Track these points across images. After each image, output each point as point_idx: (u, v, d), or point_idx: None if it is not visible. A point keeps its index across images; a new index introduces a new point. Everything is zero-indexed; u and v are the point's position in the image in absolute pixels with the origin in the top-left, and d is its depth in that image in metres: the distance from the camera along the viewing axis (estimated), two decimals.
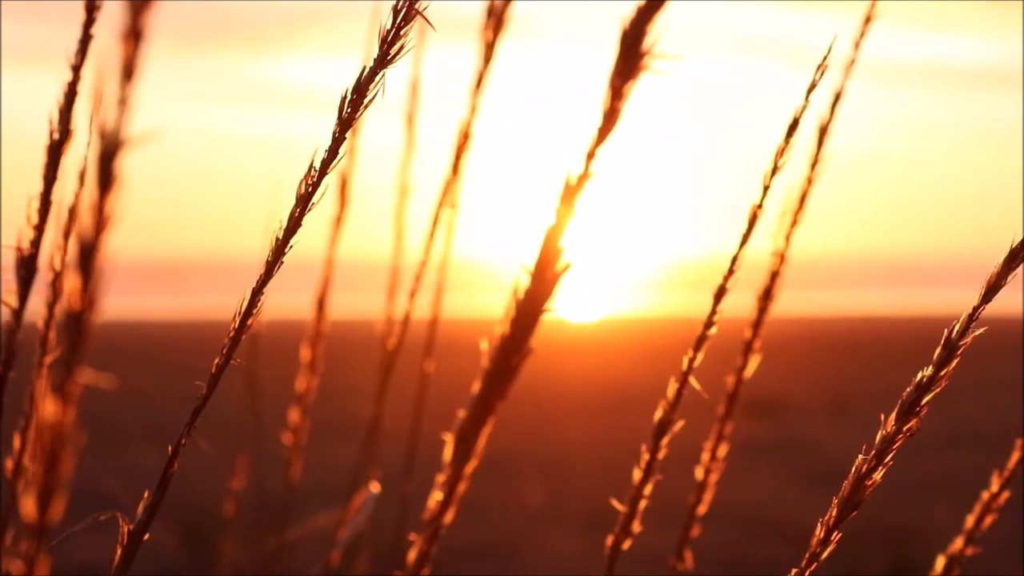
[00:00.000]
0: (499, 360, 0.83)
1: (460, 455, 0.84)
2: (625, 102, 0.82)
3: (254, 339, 2.74)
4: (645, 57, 0.81)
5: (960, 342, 1.22)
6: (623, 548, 1.64)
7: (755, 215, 1.64)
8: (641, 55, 0.81)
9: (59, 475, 0.69)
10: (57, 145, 0.96)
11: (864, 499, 1.25)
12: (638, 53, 0.81)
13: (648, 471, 1.58)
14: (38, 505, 0.68)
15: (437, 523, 0.85)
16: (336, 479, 5.99)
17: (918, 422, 1.22)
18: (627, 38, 0.81)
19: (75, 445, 0.68)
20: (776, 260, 1.86)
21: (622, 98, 0.82)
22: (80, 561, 8.23)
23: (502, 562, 9.40)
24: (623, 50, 0.81)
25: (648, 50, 0.82)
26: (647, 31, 0.82)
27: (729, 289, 1.62)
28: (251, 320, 1.02)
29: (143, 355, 33.77)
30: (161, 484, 1.00)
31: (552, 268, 0.82)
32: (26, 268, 0.92)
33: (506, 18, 2.23)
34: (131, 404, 3.33)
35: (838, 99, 1.87)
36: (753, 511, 11.27)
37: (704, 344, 1.61)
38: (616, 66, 0.82)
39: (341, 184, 2.60)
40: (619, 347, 41.19)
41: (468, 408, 0.85)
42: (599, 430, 17.08)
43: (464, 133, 2.28)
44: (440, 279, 2.47)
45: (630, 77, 0.81)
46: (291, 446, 2.54)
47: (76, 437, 0.68)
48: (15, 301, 0.95)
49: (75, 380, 0.66)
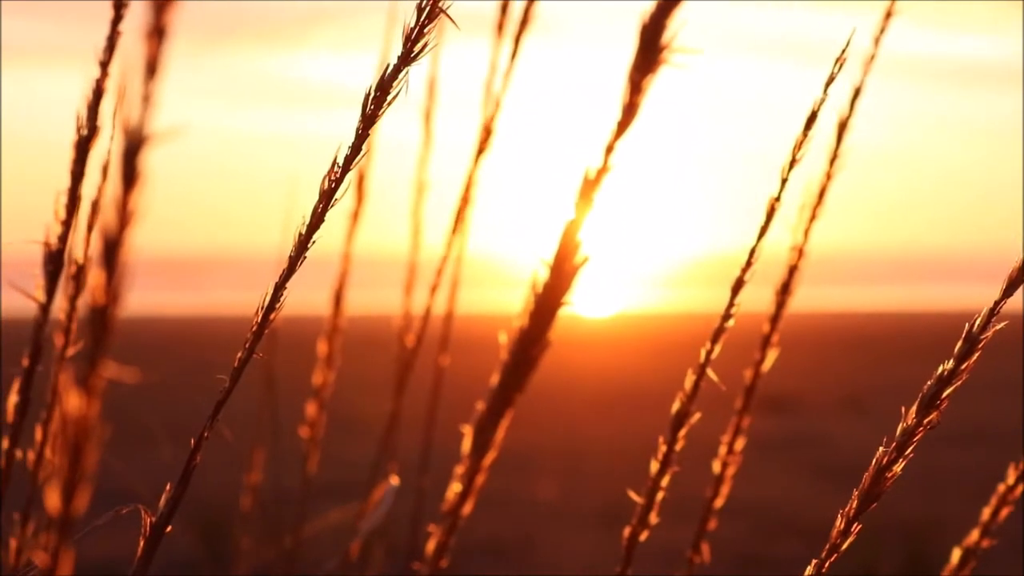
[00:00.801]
0: (517, 352, 0.83)
1: (479, 447, 0.85)
2: (644, 96, 0.83)
3: (272, 334, 2.75)
4: (664, 51, 0.82)
5: (981, 336, 1.22)
6: (640, 540, 1.64)
7: (773, 207, 1.64)
8: (660, 49, 0.82)
9: (83, 468, 0.70)
10: (84, 141, 0.97)
11: (884, 491, 1.26)
12: (657, 47, 0.81)
13: (665, 462, 1.58)
14: (62, 498, 0.69)
15: (456, 515, 0.86)
16: (353, 474, 6.00)
17: (938, 415, 1.22)
18: (646, 32, 0.81)
19: (99, 439, 0.69)
20: (794, 254, 1.87)
21: (641, 92, 0.82)
22: (99, 556, 8.25)
23: (518, 557, 9.41)
24: (642, 44, 0.82)
25: (667, 44, 0.82)
26: (666, 25, 0.82)
27: (747, 282, 1.62)
28: (273, 315, 1.03)
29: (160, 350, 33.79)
30: (183, 477, 1.01)
31: (570, 262, 0.83)
32: (53, 263, 0.92)
33: (531, 15, 2.24)
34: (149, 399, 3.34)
35: (857, 94, 1.87)
36: (767, 506, 11.27)
37: (722, 336, 1.61)
38: (635, 60, 0.82)
39: (358, 180, 2.61)
40: (634, 342, 41.20)
41: (487, 400, 0.85)
42: (614, 425, 17.09)
43: (486, 128, 2.29)
44: (456, 274, 2.48)
45: (649, 71, 0.82)
46: (308, 441, 2.54)
47: (100, 431, 0.69)
48: (43, 296, 0.96)
49: (99, 374, 0.67)
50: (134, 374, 0.73)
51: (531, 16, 2.24)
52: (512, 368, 0.84)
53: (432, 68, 2.56)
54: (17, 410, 0.87)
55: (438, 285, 2.40)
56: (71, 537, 0.69)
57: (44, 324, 0.91)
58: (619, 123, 0.82)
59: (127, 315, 0.70)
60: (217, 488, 7.66)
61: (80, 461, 0.69)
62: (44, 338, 0.90)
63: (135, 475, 2.39)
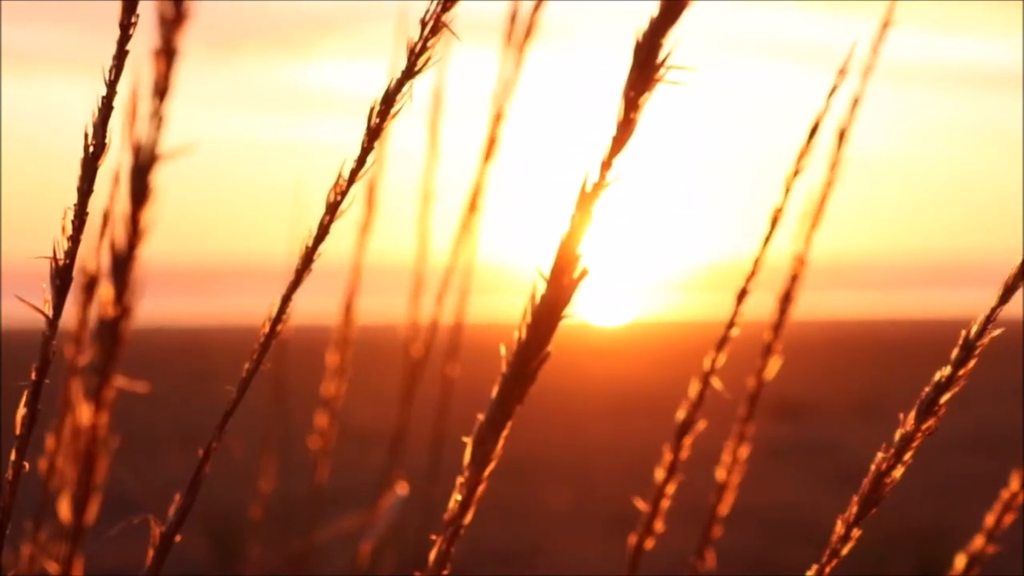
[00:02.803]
0: (517, 364, 0.85)
1: (479, 458, 0.86)
2: (640, 113, 0.84)
3: (282, 344, 2.76)
4: (659, 69, 0.83)
5: (978, 342, 1.24)
6: (646, 548, 1.65)
7: (776, 217, 1.66)
8: (655, 67, 0.83)
9: (94, 478, 0.71)
10: (92, 159, 0.98)
11: (883, 496, 1.27)
12: (652, 65, 0.83)
13: (670, 471, 1.60)
14: (73, 507, 0.70)
15: (457, 524, 0.87)
16: (362, 483, 6.01)
17: (936, 421, 1.24)
18: (641, 50, 0.83)
19: (108, 449, 0.70)
20: (796, 263, 1.88)
21: (637, 109, 0.84)
22: (110, 566, 8.26)
23: (526, 564, 9.41)
24: (637, 61, 0.83)
25: (662, 62, 0.83)
26: (661, 43, 0.83)
27: (750, 291, 1.64)
28: (279, 327, 1.05)
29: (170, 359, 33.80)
30: (192, 487, 1.02)
31: (569, 275, 0.84)
32: (61, 278, 0.94)
33: (535, 24, 2.25)
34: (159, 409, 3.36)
35: (856, 103, 1.89)
36: (778, 513, 11.27)
37: (726, 345, 1.62)
38: (630, 77, 0.83)
39: (369, 191, 2.62)
40: (644, 351, 41.13)
41: (486, 412, 0.87)
42: (623, 434, 17.07)
43: (491, 138, 2.30)
44: (465, 283, 2.49)
45: (645, 89, 0.83)
46: (318, 450, 2.55)
47: (110, 442, 0.71)
48: (50, 311, 0.97)
49: (109, 386, 0.68)
50: (144, 386, 0.74)
51: (536, 24, 2.25)
52: (511, 380, 0.85)
53: (438, 78, 2.58)
54: (24, 422, 0.89)
55: (445, 294, 2.41)
56: (82, 546, 0.71)
57: (52, 338, 0.92)
58: (615, 139, 0.84)
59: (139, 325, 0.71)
60: (228, 498, 7.67)
61: (90, 471, 0.71)
62: (52, 351, 0.91)
63: (145, 484, 2.41)
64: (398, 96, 1.08)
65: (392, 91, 1.07)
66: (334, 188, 1.04)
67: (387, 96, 1.07)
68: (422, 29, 1.07)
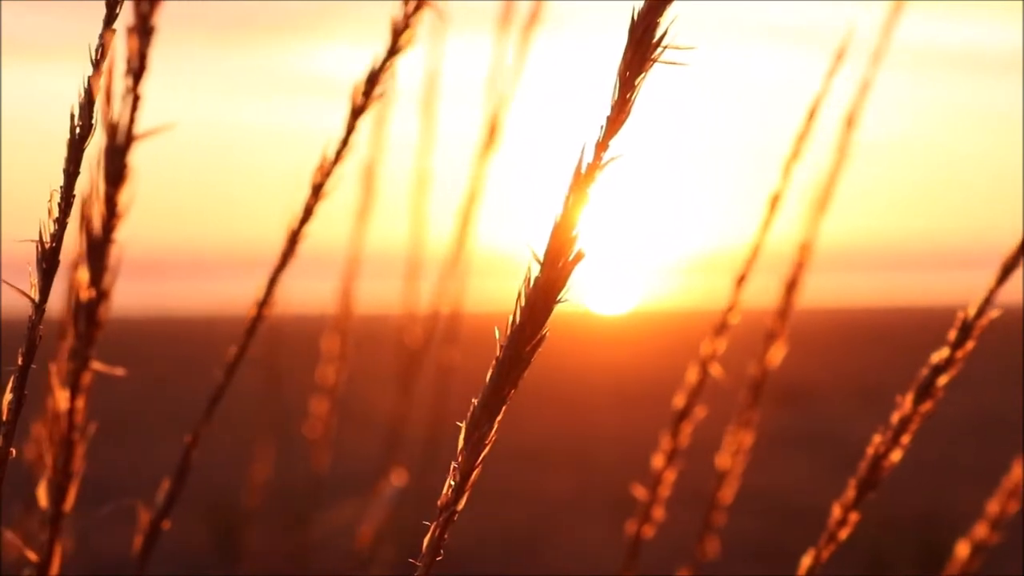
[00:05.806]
0: (511, 348, 0.83)
1: (473, 444, 0.85)
2: (636, 93, 0.82)
3: (277, 330, 2.75)
4: (656, 48, 0.81)
5: (976, 323, 1.23)
6: (646, 534, 1.64)
7: (775, 202, 1.64)
8: (652, 46, 0.81)
9: (73, 464, 0.70)
10: (79, 140, 0.97)
11: (881, 479, 1.26)
12: (648, 44, 0.81)
13: (669, 458, 1.58)
14: (51, 494, 0.69)
15: (451, 510, 0.86)
16: (359, 470, 6.00)
17: (934, 403, 1.23)
18: (636, 29, 0.81)
19: (86, 435, 0.69)
20: (802, 251, 1.86)
21: (633, 89, 0.82)
22: (108, 553, 8.26)
23: (528, 550, 9.41)
24: (632, 40, 0.81)
25: (659, 41, 0.82)
26: (657, 22, 0.82)
27: (749, 277, 1.62)
28: (267, 310, 1.03)
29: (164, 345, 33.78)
30: (180, 472, 1.01)
31: (564, 257, 0.83)
32: (47, 262, 0.92)
33: (539, 9, 2.24)
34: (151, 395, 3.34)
35: (866, 88, 1.87)
36: (783, 499, 11.27)
37: (725, 331, 1.61)
38: (625, 57, 0.82)
39: (367, 177, 2.60)
40: (647, 338, 41.17)
41: (480, 396, 0.85)
42: (626, 420, 17.08)
43: (491, 123, 2.29)
44: (463, 269, 2.48)
45: (640, 69, 0.81)
46: (316, 437, 2.54)
47: (89, 427, 0.69)
48: (37, 295, 0.96)
49: (87, 370, 0.67)
50: (121, 370, 0.73)
51: (539, 10, 2.24)
52: (505, 365, 0.84)
53: (432, 60, 2.56)
54: (11, 408, 0.87)
55: (443, 280, 2.40)
56: (60, 532, 0.69)
57: (39, 322, 0.91)
58: (610, 120, 0.82)
59: (133, 312, 0.70)
60: (225, 486, 7.67)
61: (70, 457, 0.69)
62: (38, 336, 0.90)
63: (139, 472, 2.40)
64: (381, 75, 1.06)
65: (376, 70, 1.06)
66: (319, 170, 1.03)
67: (371, 75, 1.06)
68: (404, 5, 1.06)
